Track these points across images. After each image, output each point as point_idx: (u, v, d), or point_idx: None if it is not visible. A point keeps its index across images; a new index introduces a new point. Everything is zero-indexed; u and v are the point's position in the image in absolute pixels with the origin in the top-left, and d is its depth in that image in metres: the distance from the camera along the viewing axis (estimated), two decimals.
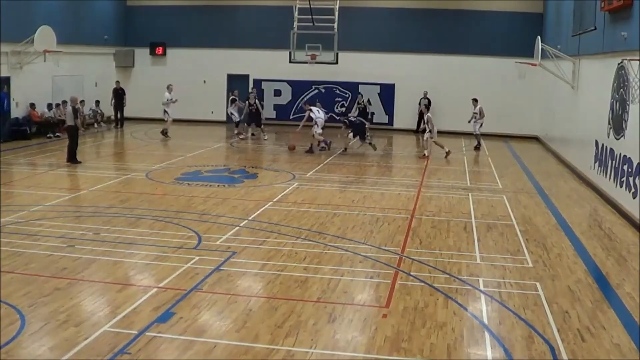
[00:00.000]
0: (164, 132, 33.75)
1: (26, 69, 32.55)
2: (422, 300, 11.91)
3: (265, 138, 33.97)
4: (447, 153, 29.85)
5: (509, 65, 35.59)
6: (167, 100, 33.94)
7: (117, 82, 38.34)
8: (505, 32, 38.21)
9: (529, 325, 10.87)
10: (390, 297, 12.00)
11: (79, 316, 11.02)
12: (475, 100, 33.36)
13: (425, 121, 29.97)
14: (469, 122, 33.55)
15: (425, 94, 38.40)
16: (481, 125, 33.02)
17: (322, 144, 30.41)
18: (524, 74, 33.63)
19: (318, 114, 30.52)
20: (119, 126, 38.31)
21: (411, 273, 13.44)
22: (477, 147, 33.13)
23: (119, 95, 38.12)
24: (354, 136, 30.43)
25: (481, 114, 32.85)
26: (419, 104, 38.23)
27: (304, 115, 31.49)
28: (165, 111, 34.11)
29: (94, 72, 38.61)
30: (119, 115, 38.63)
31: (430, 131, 29.48)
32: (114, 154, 30.40)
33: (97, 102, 38.15)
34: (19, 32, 31.16)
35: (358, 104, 36.47)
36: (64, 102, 36.38)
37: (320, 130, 30.15)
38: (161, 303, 11.44)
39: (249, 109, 33.87)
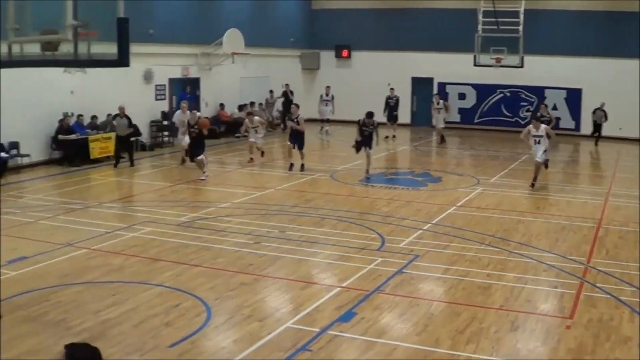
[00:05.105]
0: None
1: (215, 70, 33.69)
2: (607, 313, 11.55)
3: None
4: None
5: None
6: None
7: (287, 85, 38.59)
8: None
9: None
10: (574, 308, 11.71)
11: (263, 311, 11.37)
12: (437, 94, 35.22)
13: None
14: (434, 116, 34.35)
15: (602, 105, 36.90)
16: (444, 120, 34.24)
17: None
18: None
19: None
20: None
21: (597, 284, 13.05)
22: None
23: (287, 97, 38.41)
24: None
25: (447, 109, 34.47)
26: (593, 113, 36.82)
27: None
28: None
29: (280, 74, 39.45)
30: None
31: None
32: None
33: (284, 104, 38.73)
34: (208, 35, 32.33)
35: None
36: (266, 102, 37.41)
37: None
38: (343, 302, 11.63)
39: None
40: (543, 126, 22.44)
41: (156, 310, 11.30)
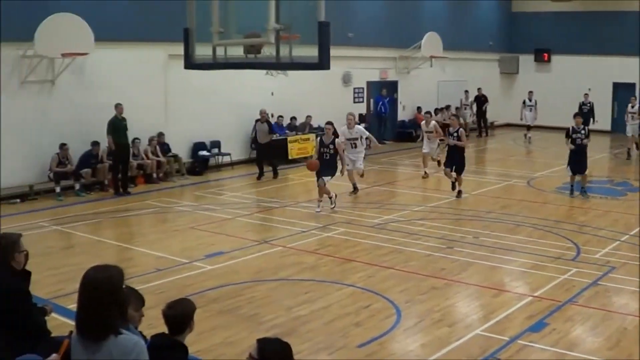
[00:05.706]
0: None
1: (413, 74, 33.90)
2: None
3: None
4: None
5: None
6: None
7: (479, 89, 38.15)
8: None
9: None
10: None
11: (452, 317, 11.39)
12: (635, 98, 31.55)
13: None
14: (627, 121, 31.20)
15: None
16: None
17: None
18: None
19: None
20: (484, 134, 38.25)
21: None
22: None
23: (480, 102, 38.05)
24: None
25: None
26: None
27: None
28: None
29: (477, 77, 38.98)
30: (481, 124, 38.47)
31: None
32: (495, 159, 30.68)
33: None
34: (406, 38, 32.58)
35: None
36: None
37: None
38: (535, 312, 11.47)
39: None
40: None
41: (347, 309, 11.53)
